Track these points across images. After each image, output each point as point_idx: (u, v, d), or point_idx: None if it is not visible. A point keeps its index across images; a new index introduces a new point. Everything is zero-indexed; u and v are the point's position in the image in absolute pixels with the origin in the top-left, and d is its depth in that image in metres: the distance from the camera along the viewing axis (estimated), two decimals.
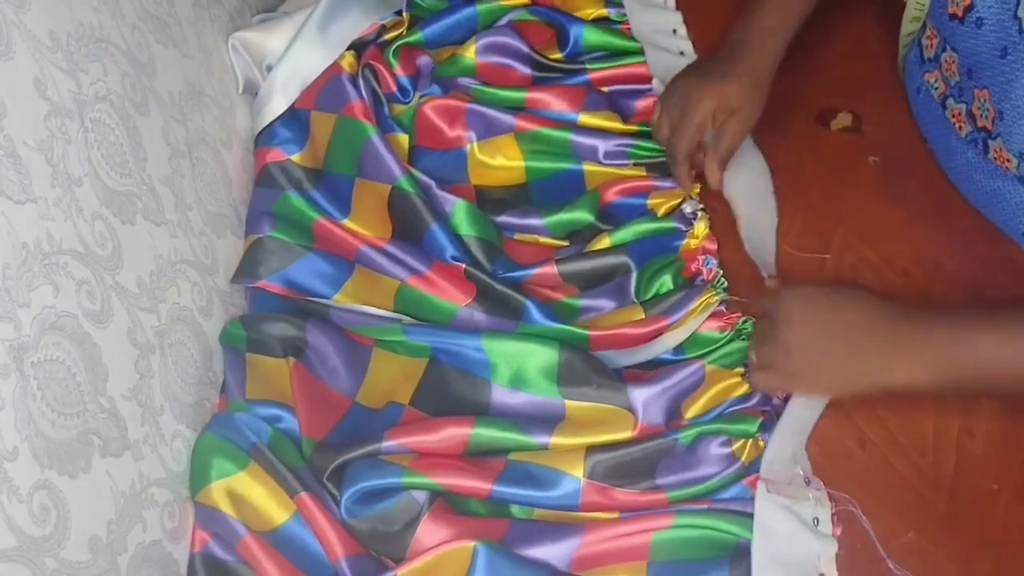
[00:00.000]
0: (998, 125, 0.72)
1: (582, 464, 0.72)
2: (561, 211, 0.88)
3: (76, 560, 0.57)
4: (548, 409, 0.77)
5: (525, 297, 0.82)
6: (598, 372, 0.77)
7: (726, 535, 0.69)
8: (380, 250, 0.87)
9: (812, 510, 0.69)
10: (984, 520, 0.70)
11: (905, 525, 0.70)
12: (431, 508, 0.72)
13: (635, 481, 0.72)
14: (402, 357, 0.82)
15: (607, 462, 0.73)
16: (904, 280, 0.81)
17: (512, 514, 0.73)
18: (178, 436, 0.72)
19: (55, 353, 0.58)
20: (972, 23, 0.72)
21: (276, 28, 0.97)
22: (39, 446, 0.55)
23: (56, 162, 0.61)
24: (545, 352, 0.78)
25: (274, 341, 0.81)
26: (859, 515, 0.70)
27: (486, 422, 0.75)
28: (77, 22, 0.66)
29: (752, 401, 0.75)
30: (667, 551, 0.69)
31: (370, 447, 0.74)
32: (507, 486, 0.72)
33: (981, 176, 0.79)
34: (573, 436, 0.75)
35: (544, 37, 1.01)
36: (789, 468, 0.72)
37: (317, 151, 0.93)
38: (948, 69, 0.78)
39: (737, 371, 0.76)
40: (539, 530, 0.71)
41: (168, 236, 0.75)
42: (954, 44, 0.75)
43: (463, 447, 0.75)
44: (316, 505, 0.72)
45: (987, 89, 0.72)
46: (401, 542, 0.71)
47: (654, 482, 0.72)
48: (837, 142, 0.91)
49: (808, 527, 0.68)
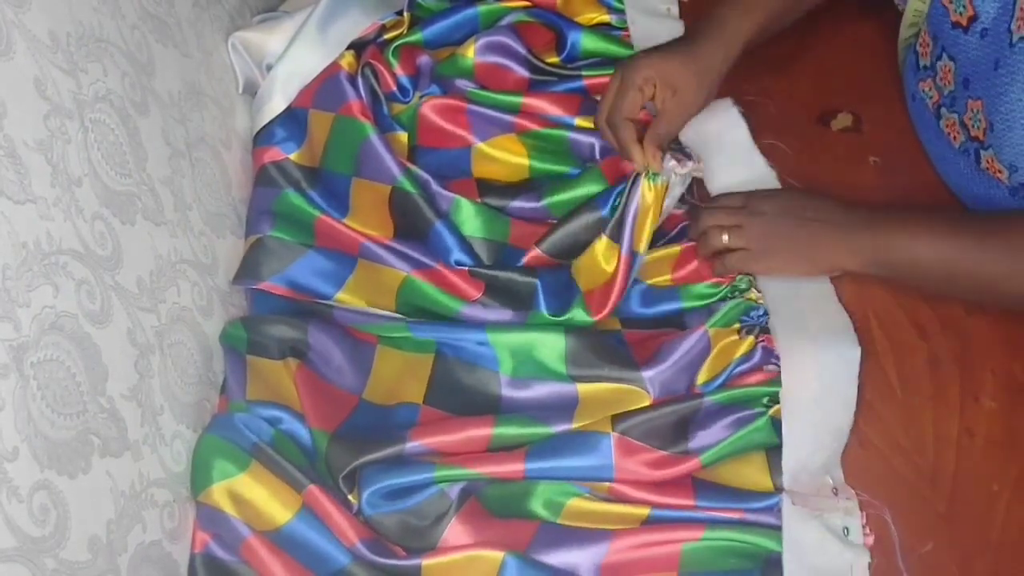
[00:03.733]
0: (989, 136, 0.73)
1: (610, 425, 0.74)
2: (563, 191, 0.89)
3: (76, 560, 0.57)
4: (561, 396, 0.78)
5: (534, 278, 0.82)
6: (606, 354, 0.78)
7: (756, 547, 0.69)
8: (384, 245, 0.87)
9: (842, 520, 0.69)
10: (984, 520, 0.70)
11: (905, 525, 0.70)
12: (461, 508, 0.72)
13: (668, 444, 0.73)
14: (407, 354, 0.82)
15: (640, 426, 0.74)
16: None
17: (540, 516, 0.73)
18: (178, 436, 0.72)
19: (55, 353, 0.58)
20: (976, 33, 0.71)
21: (276, 28, 0.97)
22: (39, 446, 0.55)
23: (56, 162, 0.61)
24: (550, 339, 0.78)
25: (275, 343, 0.81)
26: (889, 523, 0.69)
27: (505, 421, 0.75)
28: (77, 22, 0.66)
29: (755, 359, 0.76)
30: (697, 562, 0.69)
31: (393, 448, 0.74)
32: (538, 461, 0.73)
33: (975, 185, 0.79)
34: (593, 416, 0.75)
35: (543, 40, 1.01)
36: (819, 477, 0.71)
37: (314, 150, 0.93)
38: (943, 78, 0.78)
39: (735, 327, 0.78)
40: (567, 534, 0.71)
41: (168, 236, 0.75)
42: (953, 53, 0.75)
43: (486, 445, 0.75)
44: (325, 497, 0.72)
45: (980, 100, 0.73)
46: (431, 536, 0.72)
47: (687, 446, 0.73)
48: (837, 142, 0.91)
49: (838, 537, 0.68)
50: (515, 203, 0.90)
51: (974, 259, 0.72)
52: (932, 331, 0.79)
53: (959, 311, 0.79)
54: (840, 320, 0.78)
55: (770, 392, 0.74)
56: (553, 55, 1.00)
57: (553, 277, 0.83)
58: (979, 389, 0.76)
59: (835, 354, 0.75)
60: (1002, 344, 0.77)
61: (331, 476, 0.75)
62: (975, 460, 0.72)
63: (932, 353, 0.78)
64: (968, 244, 0.72)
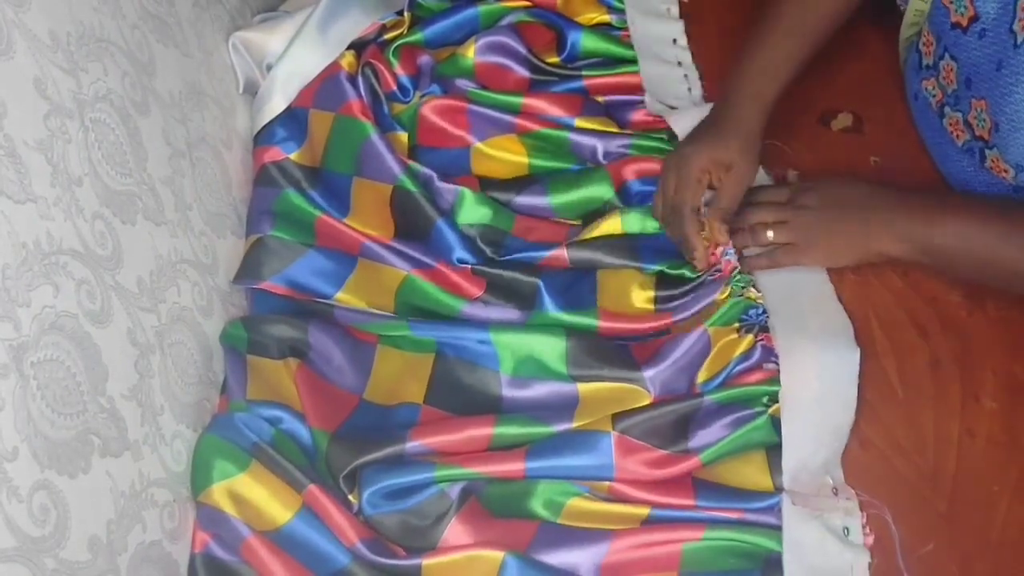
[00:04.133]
0: (994, 136, 0.73)
1: (611, 424, 0.74)
2: (569, 190, 0.89)
3: (76, 560, 0.57)
4: (562, 395, 0.78)
5: (537, 278, 0.82)
6: (606, 355, 0.78)
7: (756, 548, 0.68)
8: (384, 245, 0.87)
9: (842, 520, 0.69)
10: (984, 520, 0.70)
11: (905, 525, 0.70)
12: (461, 508, 0.72)
13: (668, 443, 0.73)
14: (407, 353, 0.82)
15: (640, 425, 0.74)
16: (904, 280, 0.81)
17: (540, 516, 0.73)
18: (178, 436, 0.72)
19: (55, 353, 0.57)
20: (975, 34, 0.71)
21: (276, 28, 0.97)
22: (39, 446, 0.55)
23: (56, 162, 0.61)
24: (551, 340, 0.78)
25: (275, 343, 0.81)
26: (889, 523, 0.69)
27: (506, 421, 0.75)
28: (77, 22, 0.66)
29: (754, 358, 0.76)
30: (697, 562, 0.69)
31: (393, 448, 0.74)
32: (539, 460, 0.73)
33: (978, 184, 0.79)
34: (593, 415, 0.75)
35: (544, 40, 1.01)
36: (819, 476, 0.71)
37: (315, 149, 0.93)
38: (946, 77, 0.78)
39: (734, 326, 0.77)
40: (567, 534, 0.71)
41: (168, 236, 0.75)
42: (954, 53, 0.75)
43: (487, 445, 0.75)
44: (325, 496, 0.72)
45: (984, 99, 0.73)
46: (432, 536, 0.72)
47: (687, 445, 0.73)
48: (838, 142, 0.91)
49: (838, 537, 0.68)
50: (519, 199, 0.90)
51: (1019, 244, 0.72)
52: (932, 331, 0.79)
53: (960, 311, 0.79)
54: (840, 320, 0.78)
55: (770, 391, 0.74)
56: (553, 55, 1.00)
57: (560, 277, 0.83)
58: (980, 389, 0.75)
59: (835, 355, 0.75)
60: (1002, 344, 0.77)
61: (331, 476, 0.75)
62: (976, 460, 0.72)
63: (933, 353, 0.78)
64: (1017, 230, 0.72)
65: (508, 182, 0.92)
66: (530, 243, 0.86)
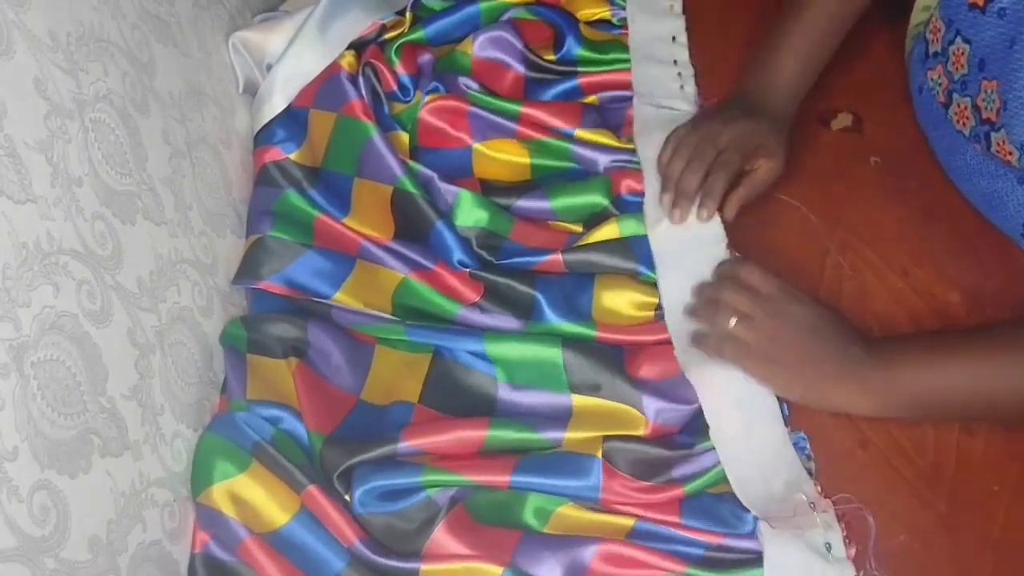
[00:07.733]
0: (1003, 116, 0.72)
1: (600, 448, 0.73)
2: (570, 195, 0.88)
3: (76, 560, 0.57)
4: (556, 406, 0.78)
5: (535, 290, 0.82)
6: (604, 370, 0.77)
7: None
8: (383, 246, 0.87)
9: (823, 536, 0.67)
10: (984, 521, 0.70)
11: (905, 526, 0.70)
12: (448, 514, 0.72)
13: (652, 475, 0.72)
14: (405, 353, 0.82)
15: (627, 455, 0.73)
16: (904, 280, 0.81)
17: (527, 525, 0.72)
18: (178, 436, 0.72)
19: (55, 353, 0.58)
20: (994, 13, 0.72)
21: (276, 28, 0.97)
22: (39, 446, 0.55)
23: (56, 162, 0.61)
24: (548, 352, 0.78)
25: (275, 342, 0.81)
26: (867, 517, 0.69)
27: (500, 424, 0.75)
28: (77, 22, 0.66)
29: None
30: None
31: (385, 448, 0.74)
32: (525, 475, 0.72)
33: (981, 177, 0.79)
34: (586, 430, 0.75)
35: (542, 36, 1.01)
36: (790, 497, 0.70)
37: (315, 150, 0.93)
38: (955, 62, 0.78)
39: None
40: (550, 543, 0.70)
41: (168, 236, 0.75)
42: (969, 35, 0.75)
43: (478, 448, 0.75)
44: (325, 497, 0.72)
45: (995, 80, 0.73)
46: (416, 541, 0.71)
47: (671, 475, 0.72)
48: (838, 142, 0.91)
49: (821, 555, 0.66)
50: (520, 202, 0.89)
51: (1000, 375, 0.67)
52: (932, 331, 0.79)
53: (958, 311, 0.79)
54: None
55: None
56: (550, 52, 1.00)
57: (558, 285, 0.83)
58: None
59: (740, 372, 0.74)
60: None
61: (326, 474, 0.74)
62: (975, 460, 0.72)
63: None
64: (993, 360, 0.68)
65: (510, 186, 0.92)
66: (528, 248, 0.86)
